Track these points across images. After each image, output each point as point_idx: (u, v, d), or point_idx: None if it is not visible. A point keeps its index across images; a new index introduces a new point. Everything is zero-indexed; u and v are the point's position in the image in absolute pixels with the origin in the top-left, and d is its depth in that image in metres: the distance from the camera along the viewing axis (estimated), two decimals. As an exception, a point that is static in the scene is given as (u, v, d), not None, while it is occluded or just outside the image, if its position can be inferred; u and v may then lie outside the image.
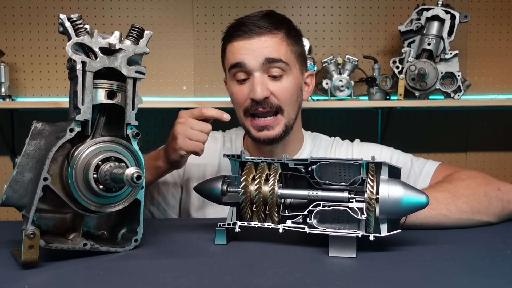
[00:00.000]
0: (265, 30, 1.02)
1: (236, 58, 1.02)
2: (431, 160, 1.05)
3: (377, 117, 2.13)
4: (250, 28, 1.02)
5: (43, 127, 0.65)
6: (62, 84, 2.09)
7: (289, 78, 1.04)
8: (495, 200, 0.86)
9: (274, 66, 1.01)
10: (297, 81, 1.07)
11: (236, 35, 1.04)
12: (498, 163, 2.22)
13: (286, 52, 1.03)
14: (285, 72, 1.03)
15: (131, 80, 0.66)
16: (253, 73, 1.02)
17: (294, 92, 1.06)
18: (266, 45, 1.02)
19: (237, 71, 1.04)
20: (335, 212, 0.68)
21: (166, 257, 0.64)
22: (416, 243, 0.70)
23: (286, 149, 1.12)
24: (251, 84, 1.02)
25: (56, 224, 0.64)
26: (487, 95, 2.15)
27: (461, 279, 0.54)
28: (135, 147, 0.66)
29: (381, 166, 0.66)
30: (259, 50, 1.01)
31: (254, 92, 1.00)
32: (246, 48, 1.02)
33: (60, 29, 0.64)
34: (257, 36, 1.02)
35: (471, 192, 0.85)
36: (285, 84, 1.03)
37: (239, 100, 1.05)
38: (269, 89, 1.01)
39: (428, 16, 1.84)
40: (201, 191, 0.76)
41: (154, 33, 0.72)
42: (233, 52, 1.04)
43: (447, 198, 0.83)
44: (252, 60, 1.01)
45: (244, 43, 1.02)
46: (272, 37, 1.02)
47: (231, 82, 1.07)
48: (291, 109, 1.05)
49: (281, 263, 0.61)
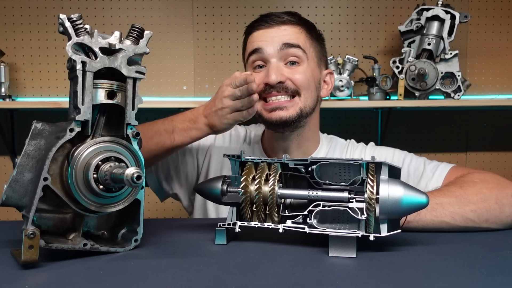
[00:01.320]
0: (286, 20, 1.05)
1: (254, 45, 1.05)
2: (445, 163, 1.03)
3: (377, 117, 2.13)
4: (271, 18, 1.05)
5: (43, 127, 0.65)
6: (62, 84, 2.09)
7: (305, 66, 1.05)
8: (508, 207, 0.81)
9: (291, 53, 1.03)
10: (314, 73, 1.07)
11: (257, 25, 1.07)
12: (498, 163, 2.22)
13: (304, 42, 1.05)
14: (302, 61, 1.04)
15: (131, 80, 0.66)
16: (270, 59, 1.03)
17: (311, 81, 1.05)
18: (285, 32, 1.04)
19: (255, 58, 1.05)
20: (335, 212, 0.68)
21: (166, 257, 0.64)
22: (416, 243, 0.70)
23: (301, 146, 1.11)
24: (266, 70, 1.03)
25: (56, 224, 0.64)
26: (487, 95, 2.15)
27: (461, 279, 0.54)
28: (135, 147, 0.66)
29: (381, 166, 0.66)
30: (277, 37, 1.03)
31: (269, 76, 1.01)
32: (265, 36, 1.04)
33: (60, 29, 0.64)
34: (276, 25, 1.04)
35: (481, 198, 0.80)
36: (301, 71, 1.04)
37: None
38: (284, 74, 1.02)
39: (428, 16, 1.84)
40: (201, 191, 0.76)
41: (154, 33, 0.72)
42: (252, 41, 1.07)
43: (454, 205, 0.79)
44: (270, 46, 1.03)
45: (263, 31, 1.05)
46: (291, 27, 1.05)
47: (249, 72, 1.07)
48: (308, 95, 1.04)
49: (281, 263, 0.61)
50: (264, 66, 1.05)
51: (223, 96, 0.95)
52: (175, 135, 1.00)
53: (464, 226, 0.79)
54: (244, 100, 0.94)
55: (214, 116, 0.96)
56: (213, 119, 0.97)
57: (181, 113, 1.03)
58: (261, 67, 1.05)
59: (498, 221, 0.80)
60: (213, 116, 0.97)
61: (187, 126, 1.00)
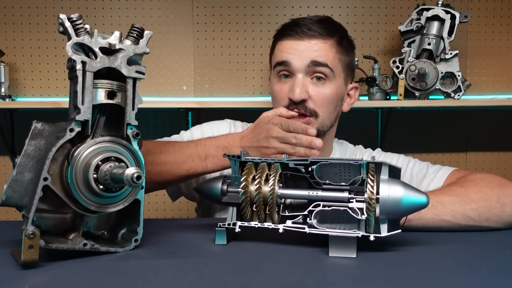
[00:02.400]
0: (317, 33, 1.03)
1: (283, 56, 1.04)
2: (447, 166, 1.04)
3: (377, 117, 2.13)
4: (302, 30, 1.03)
5: (43, 127, 0.65)
6: (62, 84, 2.09)
7: (331, 85, 1.04)
8: (509, 206, 0.81)
9: (319, 70, 1.02)
10: (339, 90, 1.07)
11: (287, 34, 1.05)
12: (498, 163, 2.22)
13: (333, 59, 1.04)
14: (328, 79, 1.03)
15: (131, 80, 0.66)
16: (296, 73, 1.03)
17: (333, 100, 1.05)
18: (315, 48, 1.02)
19: (282, 69, 1.05)
20: (335, 212, 0.68)
21: (166, 257, 0.64)
22: (416, 243, 0.70)
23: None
24: (292, 84, 1.03)
25: (56, 224, 0.64)
26: (487, 95, 2.15)
27: (461, 279, 0.54)
28: (135, 147, 0.66)
29: (381, 166, 0.66)
30: (306, 52, 1.02)
31: (293, 92, 1.00)
32: (294, 48, 1.03)
33: (60, 29, 0.64)
34: (307, 38, 1.03)
35: (482, 197, 0.80)
36: (326, 91, 1.03)
37: (278, 97, 1.06)
38: (308, 92, 1.01)
39: (428, 16, 1.84)
40: (201, 191, 0.76)
41: (154, 33, 0.72)
42: (281, 50, 1.05)
43: (455, 203, 0.79)
44: (298, 61, 1.02)
45: (293, 43, 1.03)
46: (322, 42, 1.03)
47: (274, 79, 1.08)
48: (326, 116, 1.04)
49: (281, 263, 0.61)
50: (289, 76, 1.05)
51: (271, 136, 0.89)
52: (207, 162, 0.95)
53: (465, 224, 0.78)
54: (300, 150, 0.87)
55: (255, 152, 0.91)
56: (253, 154, 0.89)
57: (214, 138, 0.98)
58: (287, 77, 1.05)
59: (499, 220, 0.80)
60: (253, 151, 0.91)
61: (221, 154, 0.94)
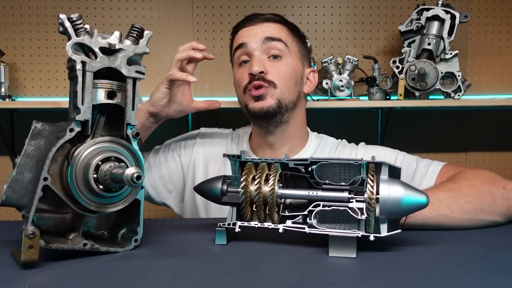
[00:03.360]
0: (269, 18, 1.12)
1: (239, 40, 1.11)
2: (437, 161, 1.05)
3: (377, 117, 2.13)
4: (255, 17, 1.12)
5: (43, 127, 0.65)
6: (62, 84, 2.09)
7: (287, 61, 1.10)
8: (500, 199, 0.85)
9: (273, 46, 1.09)
10: (296, 68, 1.12)
11: (241, 25, 1.14)
12: (498, 163, 2.22)
13: (286, 36, 1.11)
14: (284, 55, 1.10)
15: (131, 80, 0.66)
16: (253, 52, 1.09)
17: (292, 76, 1.10)
18: (267, 28, 1.10)
19: (240, 53, 1.11)
20: (335, 212, 0.68)
21: (166, 257, 0.64)
22: (416, 243, 0.70)
23: (287, 143, 1.13)
24: (250, 63, 1.09)
25: (56, 224, 0.64)
26: (487, 95, 2.15)
27: (461, 279, 0.54)
28: (135, 147, 0.66)
29: (381, 166, 0.66)
30: (260, 33, 1.10)
31: (251, 66, 1.06)
32: (248, 32, 1.11)
33: (60, 29, 0.64)
34: (260, 22, 1.11)
35: (474, 191, 0.84)
36: (283, 66, 1.09)
37: (239, 80, 1.11)
38: (265, 66, 1.07)
39: (428, 16, 1.84)
40: (201, 191, 0.76)
41: (154, 33, 0.72)
42: (237, 38, 1.13)
43: (450, 198, 0.82)
44: (253, 41, 1.09)
45: (248, 29, 1.12)
46: (274, 24, 1.12)
47: (235, 68, 1.15)
48: (285, 89, 1.08)
49: (281, 263, 0.61)
50: (249, 61, 1.10)
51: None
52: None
53: (461, 218, 0.81)
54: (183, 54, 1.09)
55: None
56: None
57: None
58: (246, 62, 1.11)
59: (492, 211, 0.83)
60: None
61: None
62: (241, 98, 1.12)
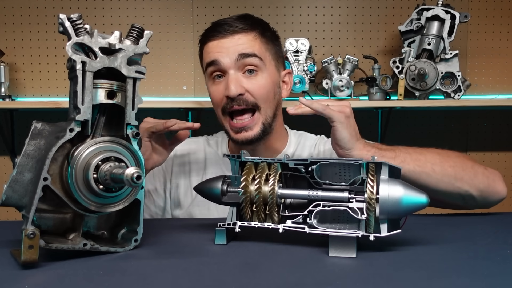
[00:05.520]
0: (239, 28, 1.04)
1: (211, 56, 1.04)
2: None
3: (377, 117, 2.13)
4: (224, 28, 1.04)
5: (43, 127, 0.65)
6: (62, 84, 2.09)
7: (264, 74, 1.05)
8: (481, 175, 0.92)
9: (248, 62, 1.03)
10: (273, 78, 1.08)
11: (210, 35, 1.06)
12: (498, 163, 2.22)
13: (260, 49, 1.05)
14: (260, 69, 1.04)
15: (131, 80, 0.66)
16: (227, 71, 1.03)
17: (271, 89, 1.06)
18: (239, 42, 1.04)
19: (213, 70, 1.05)
20: (335, 212, 0.68)
21: (166, 257, 0.64)
22: (416, 243, 0.70)
23: (269, 149, 1.12)
24: (225, 82, 1.03)
25: (56, 224, 0.64)
26: (487, 95, 2.15)
27: (461, 279, 0.54)
28: (135, 147, 0.66)
29: (381, 166, 0.66)
30: (232, 48, 1.03)
31: (229, 89, 1.01)
32: (220, 47, 1.04)
33: (60, 29, 0.64)
34: (230, 35, 1.04)
35: (460, 161, 0.92)
36: (260, 81, 1.04)
37: (216, 99, 1.06)
38: (243, 86, 1.02)
39: (428, 16, 1.84)
40: (201, 191, 0.76)
41: (154, 33, 0.72)
42: (208, 52, 1.06)
43: (436, 159, 0.90)
44: (226, 58, 1.03)
45: (218, 42, 1.04)
46: (245, 35, 1.04)
47: (208, 83, 1.09)
48: (267, 107, 1.05)
49: (281, 263, 0.61)
50: (223, 76, 1.05)
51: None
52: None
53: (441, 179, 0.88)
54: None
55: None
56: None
57: None
58: (220, 77, 1.05)
59: (471, 183, 0.91)
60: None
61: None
62: (221, 119, 1.07)
